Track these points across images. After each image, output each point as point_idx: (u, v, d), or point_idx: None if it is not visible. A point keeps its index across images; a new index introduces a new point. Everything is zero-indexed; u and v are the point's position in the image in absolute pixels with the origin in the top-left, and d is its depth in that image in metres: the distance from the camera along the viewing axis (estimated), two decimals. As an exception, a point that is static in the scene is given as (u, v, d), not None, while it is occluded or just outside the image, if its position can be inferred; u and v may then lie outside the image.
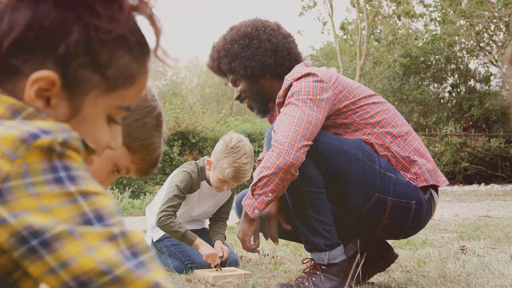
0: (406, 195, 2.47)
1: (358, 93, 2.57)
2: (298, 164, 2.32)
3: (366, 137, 2.53)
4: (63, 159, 0.79)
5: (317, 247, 2.46)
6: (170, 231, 3.33)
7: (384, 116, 2.56)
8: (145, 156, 1.57)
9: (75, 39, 0.85)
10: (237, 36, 2.70)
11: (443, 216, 7.36)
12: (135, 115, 1.53)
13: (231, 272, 3.03)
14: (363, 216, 2.50)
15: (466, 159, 19.34)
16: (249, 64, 2.67)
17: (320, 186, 2.44)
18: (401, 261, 3.32)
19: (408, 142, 2.55)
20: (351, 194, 2.47)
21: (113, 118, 0.96)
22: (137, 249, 0.80)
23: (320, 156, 2.43)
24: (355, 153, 2.45)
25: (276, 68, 2.69)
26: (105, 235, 0.78)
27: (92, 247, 0.76)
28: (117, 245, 0.78)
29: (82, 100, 0.89)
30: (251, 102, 2.78)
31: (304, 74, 2.50)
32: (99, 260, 0.75)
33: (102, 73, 0.88)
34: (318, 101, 2.43)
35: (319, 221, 2.44)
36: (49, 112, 0.86)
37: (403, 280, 2.74)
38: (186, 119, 14.91)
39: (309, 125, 2.37)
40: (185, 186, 3.40)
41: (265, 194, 2.34)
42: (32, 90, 0.84)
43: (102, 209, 0.79)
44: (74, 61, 0.86)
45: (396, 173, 2.50)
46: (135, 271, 0.77)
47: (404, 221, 2.50)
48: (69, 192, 0.77)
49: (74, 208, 0.77)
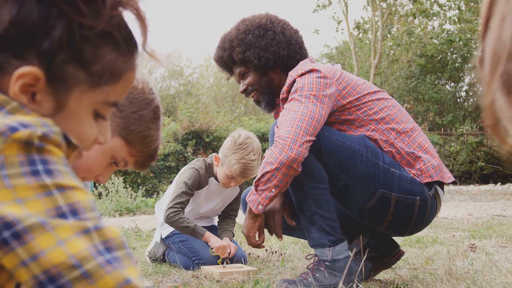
0: (410, 191, 2.45)
1: (363, 89, 2.56)
2: (301, 159, 2.32)
3: (370, 133, 2.52)
4: (42, 153, 0.79)
5: (321, 243, 2.45)
6: (179, 227, 3.35)
7: (389, 112, 2.55)
8: (143, 149, 1.58)
9: (58, 35, 0.85)
10: (252, 26, 2.70)
11: (456, 215, 7.30)
12: (132, 108, 1.55)
13: (238, 268, 3.04)
14: (367, 212, 2.49)
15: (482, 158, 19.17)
16: (263, 55, 2.67)
17: (323, 182, 2.44)
18: (409, 259, 3.31)
19: (412, 138, 2.53)
20: (355, 190, 2.46)
21: (100, 113, 0.96)
22: (112, 244, 0.79)
23: (324, 152, 2.42)
24: (359, 149, 2.44)
25: (288, 61, 2.70)
26: (78, 228, 0.77)
27: (63, 240, 0.75)
28: (91, 239, 0.77)
29: (67, 96, 0.89)
30: (259, 96, 2.77)
31: (308, 70, 2.50)
32: (69, 253, 0.75)
33: (87, 69, 0.89)
34: (322, 97, 2.42)
35: (322, 217, 2.44)
36: (34, 107, 0.87)
37: (409, 277, 2.73)
38: (200, 118, 14.95)
39: (312, 121, 2.36)
40: (193, 183, 3.42)
41: (269, 189, 2.35)
42: (17, 86, 0.85)
43: (77, 204, 0.79)
44: (57, 57, 0.86)
45: (400, 169, 2.48)
46: (106, 267, 0.76)
47: (409, 217, 2.49)
48: (44, 185, 0.77)
49: (49, 201, 0.77)
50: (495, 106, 0.73)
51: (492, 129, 0.74)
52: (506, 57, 0.69)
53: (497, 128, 0.74)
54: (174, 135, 14.78)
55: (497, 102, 0.73)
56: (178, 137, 14.70)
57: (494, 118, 0.73)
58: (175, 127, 14.91)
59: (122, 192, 10.23)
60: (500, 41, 0.70)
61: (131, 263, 0.80)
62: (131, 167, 1.63)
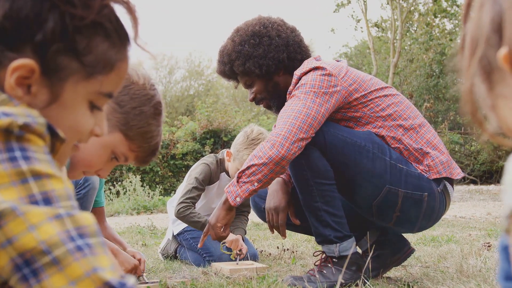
0: (418, 186, 2.43)
1: (370, 85, 2.54)
2: (290, 157, 2.31)
3: (377, 130, 2.50)
4: (21, 141, 0.80)
5: (328, 239, 2.44)
6: (189, 222, 3.37)
7: (396, 108, 2.52)
8: (143, 144, 1.59)
9: (51, 27, 0.87)
10: (246, 36, 2.67)
11: (475, 214, 7.22)
12: (132, 103, 1.56)
13: (248, 265, 3.03)
14: (375, 208, 2.47)
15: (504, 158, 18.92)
16: (263, 63, 2.64)
17: (329, 178, 2.42)
18: (421, 257, 3.28)
19: (421, 135, 2.51)
20: (361, 186, 2.44)
21: (95, 104, 0.98)
22: (85, 231, 0.79)
23: (329, 148, 2.41)
24: (365, 145, 2.42)
25: (289, 63, 2.67)
26: (50, 213, 0.77)
27: (34, 225, 0.76)
28: (63, 224, 0.78)
29: (62, 86, 0.91)
30: (268, 102, 2.74)
31: (313, 68, 2.49)
32: (40, 239, 0.75)
33: (80, 59, 0.91)
34: (322, 94, 2.40)
35: (329, 213, 2.42)
36: (30, 99, 0.88)
37: (419, 275, 2.70)
38: (218, 117, 14.99)
39: (307, 118, 2.34)
40: (204, 178, 3.43)
41: (251, 182, 2.33)
42: (12, 79, 0.87)
43: (51, 192, 0.79)
44: (51, 48, 0.88)
45: (407, 164, 2.46)
46: (75, 254, 0.76)
47: (417, 213, 2.47)
48: (20, 172, 0.78)
49: (23, 189, 0.77)
50: (474, 93, 0.72)
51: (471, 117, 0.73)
52: (484, 41, 0.69)
53: (476, 115, 0.73)
54: (192, 134, 14.84)
55: (477, 89, 0.72)
56: (196, 136, 14.76)
57: (473, 105, 0.72)
58: (193, 126, 14.98)
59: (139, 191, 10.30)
60: (478, 26, 0.70)
61: (104, 252, 0.80)
62: (132, 162, 1.64)
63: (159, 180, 13.84)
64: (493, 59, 0.68)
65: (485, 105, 0.72)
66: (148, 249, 4.38)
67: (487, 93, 0.71)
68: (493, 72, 0.69)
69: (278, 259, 3.51)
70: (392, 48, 20.20)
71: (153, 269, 3.21)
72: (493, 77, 0.70)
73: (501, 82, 0.69)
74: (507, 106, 0.69)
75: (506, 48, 0.65)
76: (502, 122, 0.70)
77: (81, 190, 2.75)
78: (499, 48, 0.66)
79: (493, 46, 0.68)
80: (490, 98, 0.71)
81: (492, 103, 0.71)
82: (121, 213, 9.68)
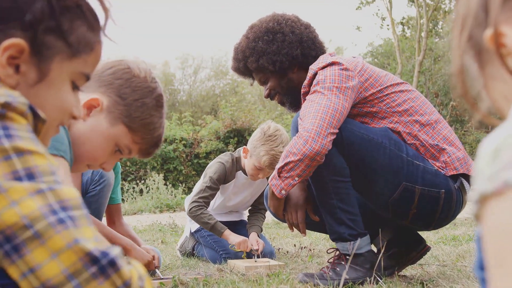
0: (434, 183, 2.39)
1: (385, 81, 2.52)
2: (325, 151, 2.30)
3: (393, 126, 2.47)
4: (3, 119, 0.82)
5: (342, 237, 2.42)
6: (200, 222, 3.38)
7: (412, 104, 2.50)
8: (146, 136, 1.61)
9: (39, 7, 0.92)
10: (260, 33, 2.68)
11: (500, 214, 7.10)
12: (134, 96, 1.58)
13: (264, 263, 3.03)
14: (391, 205, 2.44)
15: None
16: (276, 59, 2.65)
17: (345, 175, 2.41)
18: (439, 256, 3.23)
19: (437, 131, 2.47)
20: (378, 183, 2.42)
21: (76, 84, 1.02)
22: (67, 204, 0.81)
23: (346, 145, 2.39)
24: (382, 141, 2.40)
25: (303, 59, 2.67)
26: (32, 189, 0.79)
27: (16, 201, 0.77)
28: (44, 198, 0.79)
29: (49, 65, 0.95)
30: (282, 98, 2.75)
31: (329, 63, 2.47)
32: (21, 214, 0.77)
33: (65, 39, 0.96)
34: (344, 88, 2.39)
35: (344, 211, 2.40)
36: (19, 78, 0.92)
37: (435, 274, 2.66)
38: (241, 116, 15.02)
39: (336, 113, 2.34)
40: (218, 177, 3.44)
41: (292, 177, 2.34)
42: (4, 57, 0.90)
43: (34, 168, 0.81)
44: (39, 28, 0.92)
45: (424, 161, 2.43)
46: (56, 226, 0.78)
47: (434, 210, 2.43)
48: (3, 149, 0.79)
49: (6, 165, 0.79)
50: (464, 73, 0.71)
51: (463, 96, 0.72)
52: (472, 19, 0.68)
53: (467, 95, 0.72)
54: (216, 133, 14.89)
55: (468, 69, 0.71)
56: (220, 135, 14.80)
57: (464, 85, 0.71)
58: (217, 125, 15.03)
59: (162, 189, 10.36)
60: (467, 5, 0.70)
61: (87, 223, 0.82)
62: (136, 155, 1.65)
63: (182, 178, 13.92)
64: (481, 38, 0.67)
65: (478, 84, 0.71)
66: (167, 247, 4.41)
67: (479, 73, 0.71)
68: (482, 52, 0.68)
69: (295, 257, 3.50)
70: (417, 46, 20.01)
71: (170, 265, 3.23)
72: (482, 57, 0.69)
73: (490, 63, 0.68)
74: (496, 88, 0.68)
75: (491, 29, 0.64)
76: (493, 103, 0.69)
77: (96, 186, 2.77)
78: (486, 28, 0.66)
79: (480, 25, 0.67)
80: (482, 77, 0.70)
81: (485, 82, 0.70)
82: (144, 211, 9.75)
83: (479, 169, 0.58)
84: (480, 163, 0.58)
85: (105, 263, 0.79)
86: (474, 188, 0.58)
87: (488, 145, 0.58)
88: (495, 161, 0.56)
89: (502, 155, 0.55)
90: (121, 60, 1.64)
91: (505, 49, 0.65)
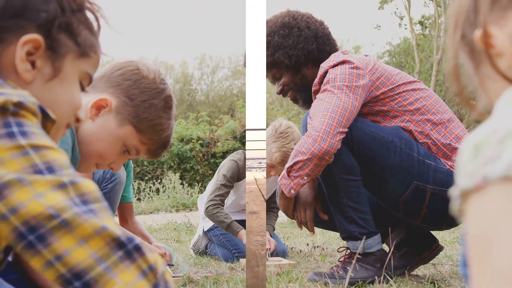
0: (446, 183, 2.37)
1: (397, 79, 2.50)
2: (333, 151, 2.29)
3: (405, 124, 2.45)
4: (17, 117, 0.84)
5: (352, 236, 2.41)
6: (216, 221, 3.39)
7: (424, 103, 2.47)
8: (154, 137, 1.61)
9: (53, 7, 0.98)
10: (276, 27, 2.67)
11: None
12: (143, 97, 1.58)
13: (276, 262, 3.03)
14: (402, 204, 2.42)
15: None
16: (292, 53, 2.64)
17: (355, 173, 2.39)
18: (453, 256, 3.20)
19: (449, 130, 2.45)
20: (388, 182, 2.40)
21: (82, 85, 1.07)
22: (87, 198, 0.83)
23: (356, 143, 2.38)
24: (393, 140, 2.38)
25: (318, 54, 2.66)
26: (54, 183, 0.81)
27: (40, 193, 0.79)
28: (67, 192, 0.81)
29: (62, 62, 1.01)
30: (295, 94, 2.74)
31: (340, 62, 2.46)
32: (47, 205, 0.79)
33: (75, 39, 1.02)
34: (354, 87, 2.38)
35: (354, 209, 2.39)
36: (35, 73, 0.97)
37: (448, 274, 2.64)
38: (258, 116, 15.00)
39: (345, 112, 2.33)
40: (232, 175, 3.44)
41: (301, 176, 2.34)
42: (23, 51, 0.95)
43: (52, 161, 0.84)
44: (54, 26, 0.98)
45: (436, 160, 2.40)
46: (82, 216, 0.80)
47: (445, 210, 2.40)
48: (20, 146, 0.82)
49: (25, 160, 0.81)
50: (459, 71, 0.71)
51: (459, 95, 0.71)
52: (464, 19, 0.68)
53: (463, 94, 0.72)
54: (232, 133, 14.91)
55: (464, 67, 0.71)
56: (237, 135, 14.81)
57: (460, 84, 0.71)
58: (234, 125, 15.04)
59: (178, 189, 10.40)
60: (460, 5, 0.70)
61: (108, 215, 0.84)
62: (143, 156, 1.66)
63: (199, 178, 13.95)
64: (473, 38, 0.67)
65: (474, 83, 0.71)
66: (181, 245, 4.42)
67: (474, 72, 0.71)
68: (475, 52, 0.68)
69: (308, 256, 3.49)
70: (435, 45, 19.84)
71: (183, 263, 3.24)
72: (476, 56, 0.69)
73: (484, 62, 0.68)
74: (491, 87, 0.68)
75: (480, 30, 0.64)
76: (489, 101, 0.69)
77: (108, 184, 2.79)
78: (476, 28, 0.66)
79: (472, 25, 0.67)
80: (477, 76, 0.70)
81: (480, 81, 0.70)
82: (160, 210, 9.80)
83: (461, 165, 0.58)
84: (462, 159, 0.58)
85: (131, 247, 0.82)
86: (456, 184, 0.59)
87: (470, 142, 0.58)
88: (477, 158, 0.56)
89: (483, 152, 0.56)
90: (131, 61, 1.65)
91: (494, 49, 0.65)
